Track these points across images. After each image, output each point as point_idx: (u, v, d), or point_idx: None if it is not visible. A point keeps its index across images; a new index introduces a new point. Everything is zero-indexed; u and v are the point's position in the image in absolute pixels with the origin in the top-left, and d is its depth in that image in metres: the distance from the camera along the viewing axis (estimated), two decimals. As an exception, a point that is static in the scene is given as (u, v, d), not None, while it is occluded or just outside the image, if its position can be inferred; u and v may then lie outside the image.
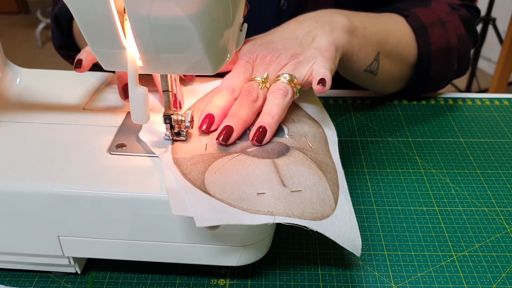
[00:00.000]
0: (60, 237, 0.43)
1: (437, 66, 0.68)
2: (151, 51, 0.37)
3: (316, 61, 0.51)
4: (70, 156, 0.44)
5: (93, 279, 0.47)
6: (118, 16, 0.36)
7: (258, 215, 0.38)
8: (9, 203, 0.41)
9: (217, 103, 0.48)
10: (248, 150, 0.44)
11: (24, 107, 0.51)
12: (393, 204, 0.55)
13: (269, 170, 0.41)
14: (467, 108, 0.72)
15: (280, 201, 0.39)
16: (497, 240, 0.51)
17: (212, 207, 0.38)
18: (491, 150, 0.63)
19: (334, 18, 0.57)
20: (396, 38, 0.65)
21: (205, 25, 0.36)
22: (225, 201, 0.39)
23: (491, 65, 2.50)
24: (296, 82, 0.50)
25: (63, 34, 0.80)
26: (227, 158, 0.43)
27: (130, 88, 0.39)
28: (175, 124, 0.45)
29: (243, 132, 0.47)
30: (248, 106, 0.48)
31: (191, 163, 0.42)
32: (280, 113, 0.47)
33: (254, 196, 0.39)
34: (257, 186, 0.40)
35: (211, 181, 0.40)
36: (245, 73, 0.52)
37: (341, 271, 0.47)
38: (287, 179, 0.41)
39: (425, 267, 0.48)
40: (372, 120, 0.69)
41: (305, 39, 0.55)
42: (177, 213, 0.37)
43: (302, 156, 0.44)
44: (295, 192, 0.40)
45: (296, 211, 0.39)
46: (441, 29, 0.67)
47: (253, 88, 0.49)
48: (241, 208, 0.38)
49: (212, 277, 0.47)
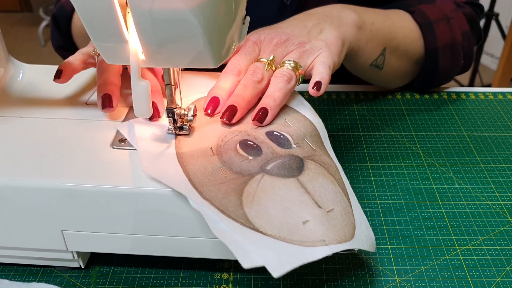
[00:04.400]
0: (63, 231, 0.43)
1: (444, 62, 0.68)
2: (154, 44, 0.37)
3: (321, 54, 0.53)
4: (73, 151, 0.44)
5: (97, 273, 0.47)
6: (120, 9, 0.36)
7: (315, 248, 0.38)
8: (12, 198, 0.41)
9: (222, 85, 0.49)
10: (268, 168, 0.42)
11: (26, 103, 0.51)
12: (397, 198, 0.55)
13: (299, 191, 0.41)
14: (470, 102, 0.72)
15: (325, 227, 0.39)
16: (501, 234, 0.51)
17: (273, 249, 0.37)
18: (495, 144, 0.63)
19: (344, 13, 0.58)
20: (403, 34, 0.66)
21: (207, 19, 0.36)
22: (279, 238, 0.38)
23: (494, 61, 2.49)
24: (300, 71, 0.51)
25: (62, 35, 0.80)
26: (253, 183, 0.41)
27: (133, 82, 0.39)
28: (178, 118, 0.45)
29: (246, 114, 0.48)
30: (252, 87, 0.49)
31: (221, 195, 0.40)
32: (282, 97, 0.49)
33: (301, 226, 0.39)
34: (298, 213, 0.40)
35: (254, 215, 0.39)
36: (252, 54, 0.53)
37: (344, 265, 0.47)
38: (318, 198, 0.41)
39: (429, 260, 0.48)
40: (375, 115, 0.69)
41: (313, 30, 0.56)
42: (248, 266, 0.36)
43: (315, 166, 0.44)
44: (330, 212, 0.41)
45: (341, 234, 0.39)
46: (446, 25, 0.67)
47: (258, 69, 0.51)
48: (298, 243, 0.38)
49: (216, 271, 0.47)
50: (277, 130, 0.47)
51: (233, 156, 0.43)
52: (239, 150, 0.44)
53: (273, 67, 0.52)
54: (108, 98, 0.47)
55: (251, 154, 0.44)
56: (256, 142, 0.45)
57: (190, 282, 0.46)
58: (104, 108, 0.48)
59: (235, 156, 0.43)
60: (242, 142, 0.45)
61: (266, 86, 0.50)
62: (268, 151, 0.44)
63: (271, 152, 0.44)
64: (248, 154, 0.44)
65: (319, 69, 0.51)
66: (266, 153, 0.44)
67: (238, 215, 0.39)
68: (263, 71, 0.51)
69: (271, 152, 0.44)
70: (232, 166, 0.42)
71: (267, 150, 0.44)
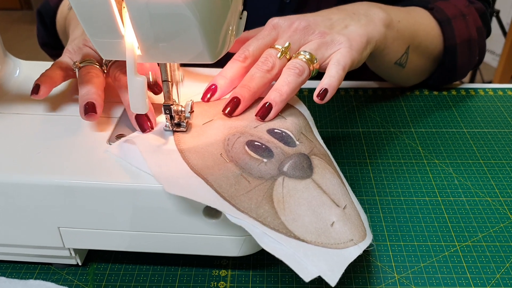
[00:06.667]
0: (60, 228, 0.43)
1: (462, 58, 0.68)
2: (150, 39, 0.37)
3: (340, 49, 0.51)
4: (70, 147, 0.44)
5: (94, 270, 0.47)
6: (116, 4, 0.36)
7: (349, 249, 0.38)
8: (9, 194, 0.41)
9: (224, 73, 0.49)
10: (285, 170, 0.42)
11: (23, 99, 0.51)
12: (396, 195, 0.54)
13: (318, 192, 0.41)
14: (470, 98, 0.72)
15: (348, 226, 0.40)
16: (501, 230, 0.50)
17: (321, 257, 0.37)
18: (494, 141, 0.63)
19: (372, 12, 0.57)
20: (424, 31, 0.65)
21: (203, 13, 0.35)
22: (319, 244, 0.38)
23: (494, 58, 2.49)
24: (315, 64, 0.50)
25: (47, 31, 0.79)
26: (278, 188, 0.41)
27: (129, 77, 0.38)
28: (175, 115, 0.44)
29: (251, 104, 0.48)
30: (260, 77, 0.48)
31: (253, 205, 0.39)
32: (290, 92, 0.47)
33: (330, 229, 0.39)
34: (324, 215, 0.40)
35: (291, 223, 0.39)
36: (266, 39, 0.51)
37: (343, 261, 0.47)
38: (333, 196, 0.42)
39: (428, 257, 0.48)
40: (375, 112, 0.69)
41: (337, 24, 0.54)
42: (309, 279, 0.36)
43: (319, 161, 0.44)
44: (347, 209, 0.41)
45: (360, 231, 0.40)
46: (463, 21, 0.68)
47: (270, 56, 0.49)
48: (334, 247, 0.38)
49: (214, 268, 0.47)
50: (276, 127, 0.46)
51: (248, 161, 0.42)
52: (250, 153, 0.43)
53: (288, 55, 0.50)
54: (91, 105, 0.45)
55: (264, 156, 0.43)
56: (262, 142, 0.44)
57: (188, 279, 0.46)
58: (87, 113, 0.45)
59: (250, 161, 0.42)
60: (249, 144, 0.44)
61: (277, 75, 0.49)
62: (278, 151, 0.44)
63: (281, 152, 0.44)
64: (261, 157, 0.43)
65: (331, 71, 0.50)
66: (277, 154, 0.43)
67: (277, 225, 0.39)
68: (275, 59, 0.49)
69: (281, 152, 0.44)
70: (252, 172, 0.42)
71: (276, 150, 0.44)
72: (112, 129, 0.46)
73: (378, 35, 0.56)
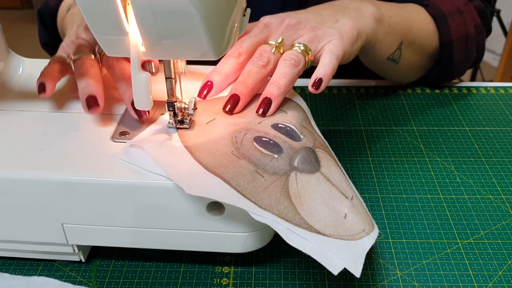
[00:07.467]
0: (64, 225, 0.43)
1: (459, 55, 0.68)
2: (154, 36, 0.37)
3: (332, 41, 0.51)
4: (73, 144, 0.44)
5: (98, 267, 0.47)
6: (120, 1, 0.36)
7: (363, 240, 0.39)
8: (13, 191, 0.41)
9: (219, 69, 0.49)
10: (295, 165, 0.42)
11: (27, 96, 0.51)
12: (398, 192, 0.55)
13: (328, 185, 0.42)
14: (472, 96, 0.72)
15: (359, 217, 0.40)
16: (503, 228, 0.50)
17: (343, 249, 0.38)
18: (496, 138, 0.63)
19: (363, 7, 0.58)
20: (419, 27, 0.65)
21: (207, 10, 0.35)
22: (338, 237, 0.39)
23: (495, 57, 2.49)
24: (310, 55, 0.50)
25: (47, 31, 0.80)
26: (292, 183, 0.41)
27: (133, 74, 0.38)
28: (178, 112, 0.45)
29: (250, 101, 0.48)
30: (257, 73, 0.48)
31: (273, 202, 0.39)
32: (288, 83, 0.47)
33: (344, 220, 0.40)
34: (337, 208, 0.40)
35: (310, 218, 0.39)
36: (259, 36, 0.52)
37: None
38: (341, 188, 0.42)
39: (430, 254, 0.48)
40: (377, 109, 0.69)
41: (328, 19, 0.55)
42: (337, 272, 0.37)
43: (323, 153, 0.45)
44: (353, 200, 0.42)
45: (369, 220, 0.41)
46: (460, 18, 0.67)
47: (265, 52, 0.50)
48: (350, 238, 0.39)
49: (217, 264, 0.47)
50: (279, 121, 0.47)
51: (260, 157, 0.42)
52: (260, 149, 0.43)
53: (281, 50, 0.50)
54: (93, 98, 0.46)
55: (274, 152, 0.43)
56: (270, 138, 0.44)
57: (191, 275, 0.46)
58: (90, 108, 0.45)
59: (262, 157, 0.42)
60: (257, 140, 0.44)
61: (272, 70, 0.49)
62: (286, 146, 0.44)
63: (289, 147, 0.44)
64: (272, 152, 0.43)
65: (324, 60, 0.50)
66: (286, 149, 0.43)
67: (298, 220, 0.39)
68: (270, 54, 0.49)
69: (288, 147, 0.44)
70: (266, 168, 0.42)
71: (284, 145, 0.44)
72: (115, 126, 0.46)
73: (368, 29, 0.56)
